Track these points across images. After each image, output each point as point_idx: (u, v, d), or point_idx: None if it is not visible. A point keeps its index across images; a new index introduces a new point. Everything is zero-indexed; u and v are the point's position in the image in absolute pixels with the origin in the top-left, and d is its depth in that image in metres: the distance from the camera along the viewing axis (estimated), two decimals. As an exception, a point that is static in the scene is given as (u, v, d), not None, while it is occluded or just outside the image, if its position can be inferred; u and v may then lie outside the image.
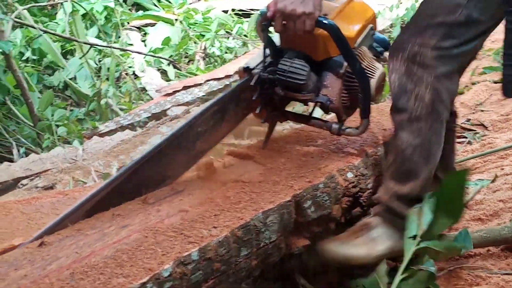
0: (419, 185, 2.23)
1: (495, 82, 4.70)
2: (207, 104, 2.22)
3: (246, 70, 2.31)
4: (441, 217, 2.15)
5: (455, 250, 2.17)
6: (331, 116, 2.42)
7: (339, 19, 2.23)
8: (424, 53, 2.15)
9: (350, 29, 2.27)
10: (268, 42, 2.26)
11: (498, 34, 2.32)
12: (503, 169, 3.11)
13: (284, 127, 3.71)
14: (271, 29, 2.21)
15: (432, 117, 2.20)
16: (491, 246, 2.37)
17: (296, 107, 2.91)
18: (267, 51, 2.27)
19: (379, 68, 2.34)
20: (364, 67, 2.28)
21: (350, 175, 2.26)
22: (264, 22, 2.18)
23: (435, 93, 2.17)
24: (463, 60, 2.26)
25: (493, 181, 2.98)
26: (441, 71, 2.16)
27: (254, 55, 2.40)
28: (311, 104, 2.41)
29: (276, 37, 2.30)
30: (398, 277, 2.04)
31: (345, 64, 2.23)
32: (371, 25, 2.40)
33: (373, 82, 2.28)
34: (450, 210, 2.14)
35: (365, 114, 2.31)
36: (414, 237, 2.10)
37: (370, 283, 2.14)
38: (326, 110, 2.36)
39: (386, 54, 2.42)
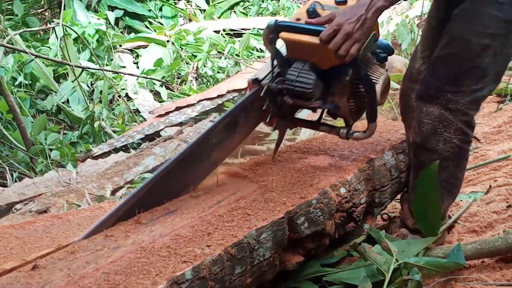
0: (442, 211, 2.49)
1: (487, 95, 4.71)
2: (220, 116, 2.33)
3: (255, 81, 2.38)
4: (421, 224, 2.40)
5: (443, 266, 2.18)
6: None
7: None
8: (457, 100, 2.35)
9: None
10: (276, 54, 2.34)
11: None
12: (496, 180, 3.11)
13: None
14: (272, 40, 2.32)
15: (458, 156, 2.46)
16: (485, 258, 2.36)
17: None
18: (275, 62, 2.35)
19: (383, 74, 2.41)
20: (369, 73, 2.35)
21: (343, 190, 2.27)
22: (271, 35, 2.30)
23: (462, 136, 2.41)
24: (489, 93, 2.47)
25: (487, 192, 2.99)
26: (471, 115, 2.40)
27: (262, 66, 2.46)
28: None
29: (282, 48, 2.37)
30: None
31: (351, 71, 2.29)
32: (373, 32, 2.41)
33: (378, 87, 2.35)
34: (429, 209, 2.37)
35: (372, 118, 2.38)
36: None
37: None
38: (334, 116, 2.45)
39: (390, 58, 2.59)
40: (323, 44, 2.21)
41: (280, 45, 2.36)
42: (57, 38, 6.96)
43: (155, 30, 8.69)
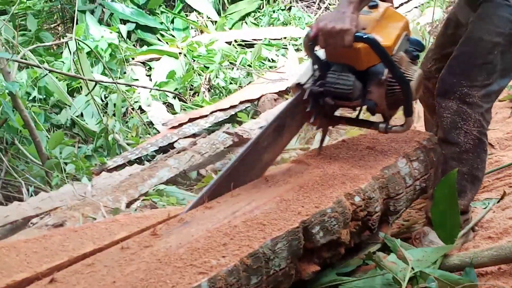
0: (465, 203, 2.70)
1: (500, 101, 4.70)
2: (268, 121, 2.51)
3: (298, 85, 2.57)
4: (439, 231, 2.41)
5: (457, 282, 2.17)
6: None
7: (377, 31, 2.49)
8: (473, 94, 2.59)
9: (387, 39, 2.49)
10: (315, 59, 2.53)
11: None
12: (511, 186, 3.10)
13: (290, 154, 3.72)
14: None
15: (478, 148, 2.65)
16: (502, 264, 2.35)
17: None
18: (315, 66, 2.54)
19: (416, 71, 2.56)
20: (403, 71, 2.50)
21: (357, 199, 2.26)
22: (310, 42, 2.47)
23: (481, 128, 2.62)
24: (501, 91, 2.69)
25: (502, 198, 2.97)
26: (485, 108, 2.62)
27: (303, 70, 2.65)
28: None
29: (321, 53, 2.55)
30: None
31: (386, 70, 2.45)
32: (405, 32, 2.61)
33: (412, 84, 2.49)
34: (448, 217, 2.38)
35: (408, 113, 2.55)
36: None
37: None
38: (373, 112, 2.60)
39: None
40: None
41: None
42: (70, 52, 7.00)
43: (167, 43, 8.73)
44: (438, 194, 2.40)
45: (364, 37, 2.39)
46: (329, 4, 10.06)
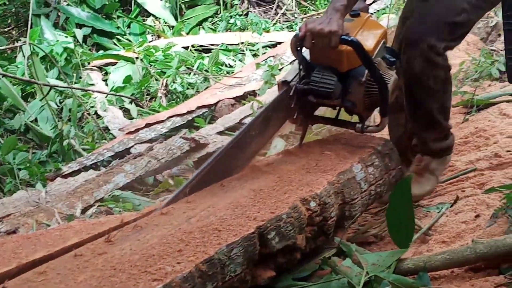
0: (444, 129, 3.12)
1: (454, 106, 4.77)
2: (257, 113, 2.73)
3: (284, 83, 2.75)
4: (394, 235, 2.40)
5: (411, 286, 2.19)
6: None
7: (358, 37, 2.67)
8: (438, 45, 2.85)
9: (368, 44, 2.70)
10: (301, 59, 2.71)
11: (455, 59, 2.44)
12: (464, 191, 3.14)
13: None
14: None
15: (445, 84, 3.00)
16: (455, 268, 2.38)
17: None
18: (301, 66, 2.71)
19: (392, 75, 2.80)
20: (382, 74, 2.71)
21: (313, 204, 2.28)
22: (298, 42, 2.64)
23: (446, 69, 2.96)
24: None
25: (455, 202, 3.01)
26: (446, 56, 2.93)
27: (290, 69, 2.91)
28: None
29: (306, 54, 2.73)
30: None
31: (366, 73, 2.66)
32: (383, 40, 2.85)
33: (389, 86, 2.71)
34: (403, 221, 2.37)
35: (384, 113, 2.79)
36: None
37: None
38: (351, 112, 2.85)
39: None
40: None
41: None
42: (24, 56, 6.90)
43: (123, 47, 8.65)
44: (394, 199, 2.40)
45: (349, 39, 2.58)
46: (286, 10, 10.10)
